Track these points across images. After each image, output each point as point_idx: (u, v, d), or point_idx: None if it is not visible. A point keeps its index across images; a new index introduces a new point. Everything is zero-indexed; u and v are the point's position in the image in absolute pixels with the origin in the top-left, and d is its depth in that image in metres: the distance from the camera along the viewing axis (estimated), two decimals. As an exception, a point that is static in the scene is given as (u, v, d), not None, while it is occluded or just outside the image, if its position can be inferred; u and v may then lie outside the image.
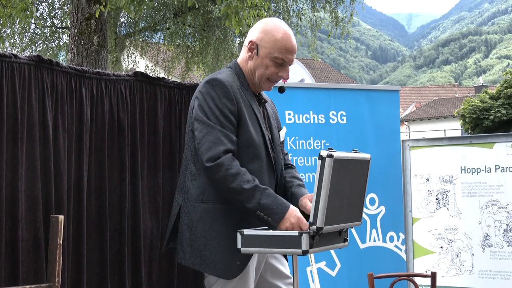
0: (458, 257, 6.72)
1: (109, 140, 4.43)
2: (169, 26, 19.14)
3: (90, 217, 4.27)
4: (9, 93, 3.76)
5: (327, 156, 3.23)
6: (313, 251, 3.33)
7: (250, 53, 3.77)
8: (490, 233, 6.58)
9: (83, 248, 4.19)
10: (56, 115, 4.07)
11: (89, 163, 4.30)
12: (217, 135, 3.50)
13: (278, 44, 3.70)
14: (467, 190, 6.74)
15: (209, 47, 19.29)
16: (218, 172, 3.45)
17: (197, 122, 3.60)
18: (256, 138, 3.68)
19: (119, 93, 4.51)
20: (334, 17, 20.32)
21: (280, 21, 3.85)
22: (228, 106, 3.58)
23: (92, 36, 9.40)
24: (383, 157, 6.14)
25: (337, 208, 3.37)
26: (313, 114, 5.89)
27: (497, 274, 6.53)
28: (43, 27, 19.61)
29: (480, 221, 6.64)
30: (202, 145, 3.51)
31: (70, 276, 4.10)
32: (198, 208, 3.63)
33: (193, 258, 3.63)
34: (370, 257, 5.91)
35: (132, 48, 22.17)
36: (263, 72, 3.75)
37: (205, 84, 3.66)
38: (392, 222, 6.17)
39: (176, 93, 4.88)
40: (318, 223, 3.23)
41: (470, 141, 6.94)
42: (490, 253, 6.59)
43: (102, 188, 4.35)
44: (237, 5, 8.98)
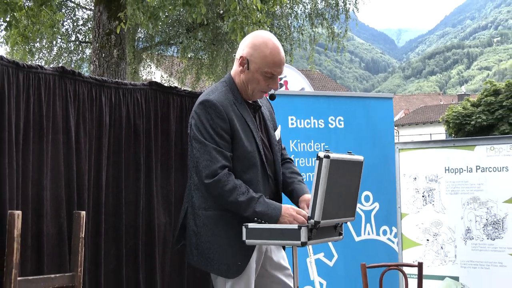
0: (443, 248, 6.70)
1: (126, 143, 4.42)
2: (182, 40, 19.17)
3: (108, 213, 4.27)
4: (36, 101, 3.76)
5: (324, 157, 3.25)
6: (311, 243, 3.34)
7: (242, 67, 3.72)
8: (471, 227, 6.56)
9: (101, 242, 4.19)
10: (78, 120, 4.07)
11: (108, 165, 4.29)
12: (212, 153, 3.52)
13: (268, 59, 3.66)
14: (450, 188, 6.73)
15: (218, 59, 19.31)
16: (216, 188, 3.51)
17: (195, 141, 3.61)
18: (250, 149, 3.66)
19: (135, 101, 4.51)
20: (330, 33, 20.30)
21: (268, 35, 3.78)
22: (221, 125, 3.57)
23: (112, 50, 9.41)
24: (378, 158, 6.15)
25: (333, 204, 3.38)
26: (314, 119, 5.91)
27: (478, 264, 6.51)
28: (68, 42, 19.64)
29: (463, 216, 6.62)
30: (200, 163, 3.55)
31: (88, 267, 4.10)
32: (201, 215, 3.66)
33: (200, 260, 3.67)
34: (365, 249, 5.93)
35: (148, 60, 22.19)
36: (256, 86, 3.72)
37: (199, 105, 3.64)
38: (385, 217, 6.18)
39: (187, 101, 4.88)
40: (316, 217, 3.25)
41: (453, 144, 6.93)
42: (471, 245, 6.57)
43: (119, 187, 4.35)
44: (242, 21, 8.99)
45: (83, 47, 20.03)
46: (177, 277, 4.73)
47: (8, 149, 3.50)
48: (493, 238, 6.46)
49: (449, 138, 26.08)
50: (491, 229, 6.47)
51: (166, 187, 4.68)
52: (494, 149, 6.53)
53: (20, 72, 3.66)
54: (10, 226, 3.27)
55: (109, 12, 9.58)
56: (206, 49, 19.84)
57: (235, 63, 3.81)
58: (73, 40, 19.73)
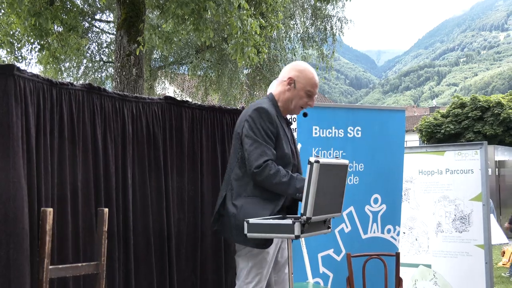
0: (417, 240, 6.72)
1: (147, 149, 4.44)
2: (192, 60, 19.19)
3: (134, 210, 4.28)
4: (68, 113, 3.78)
5: (314, 162, 3.29)
6: (304, 236, 3.37)
7: (289, 86, 4.02)
8: (442, 221, 6.58)
9: (130, 233, 4.20)
10: (105, 130, 4.09)
11: (132, 168, 4.31)
12: (263, 149, 3.77)
13: (311, 81, 4.03)
14: (423, 188, 6.75)
15: (224, 77, 19.31)
16: (263, 173, 3.72)
17: (248, 138, 3.83)
18: (287, 151, 3.91)
19: (153, 113, 4.52)
20: (320, 53, 20.33)
21: (306, 64, 4.18)
22: (271, 129, 3.84)
23: (132, 69, 9.42)
24: (388, 164, 5.96)
25: (322, 202, 3.40)
26: (335, 129, 5.80)
27: (447, 253, 6.53)
28: (94, 62, 19.68)
29: (434, 212, 6.64)
30: (252, 155, 3.77)
31: (120, 256, 4.12)
32: (240, 200, 3.85)
33: (239, 237, 3.78)
34: (370, 245, 5.77)
35: (163, 78, 22.19)
36: (298, 102, 4.04)
37: (254, 111, 3.89)
38: (390, 217, 5.97)
39: (197, 113, 4.89)
40: (308, 214, 3.28)
41: (426, 150, 6.95)
42: (442, 237, 6.59)
43: (141, 188, 4.36)
44: (242, 43, 9.00)
45: (106, 66, 20.06)
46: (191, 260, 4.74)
47: (43, 154, 3.52)
48: (461, 231, 6.47)
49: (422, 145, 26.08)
50: (459, 224, 6.48)
51: (180, 188, 4.70)
52: (461, 154, 6.56)
53: (54, 88, 3.68)
54: (43, 221, 3.30)
55: (129, 36, 9.59)
56: (213, 68, 19.86)
57: (279, 85, 4.10)
58: (98, 60, 19.76)
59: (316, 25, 20.31)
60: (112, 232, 4.06)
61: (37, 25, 9.87)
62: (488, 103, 30.97)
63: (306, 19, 20.33)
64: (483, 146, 6.48)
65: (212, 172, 4.99)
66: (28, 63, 16.15)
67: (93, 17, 18.46)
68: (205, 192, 4.90)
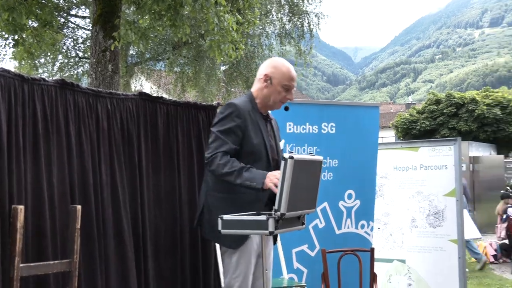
0: (392, 235, 6.75)
1: (122, 145, 4.42)
2: (169, 56, 19.08)
3: (112, 207, 4.25)
4: (40, 109, 3.74)
5: (289, 158, 3.26)
6: (278, 232, 3.35)
7: (266, 83, 4.05)
8: (416, 217, 6.62)
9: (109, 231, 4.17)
10: (79, 126, 4.06)
11: (108, 164, 4.28)
12: (220, 143, 3.79)
13: (286, 75, 4.05)
14: (398, 183, 6.78)
15: (201, 74, 19.23)
16: (213, 164, 3.75)
17: (211, 132, 3.89)
18: (257, 146, 3.92)
19: (127, 109, 4.50)
20: (297, 50, 20.35)
21: (282, 59, 4.20)
22: (236, 124, 3.84)
23: (107, 65, 9.34)
24: (362, 160, 5.95)
25: (297, 198, 3.39)
26: (309, 125, 5.78)
27: (421, 248, 6.57)
28: (69, 58, 19.49)
29: (408, 208, 6.68)
30: (208, 149, 3.83)
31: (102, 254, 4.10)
32: (214, 196, 3.92)
33: (211, 233, 3.93)
34: (344, 241, 5.76)
35: (139, 74, 22.08)
36: (277, 97, 4.06)
37: (224, 106, 3.96)
38: (363, 212, 5.99)
39: (172, 109, 4.87)
40: (282, 210, 3.26)
41: (400, 146, 6.99)
42: (416, 232, 6.63)
43: (117, 184, 4.32)
44: (219, 40, 8.97)
45: (82, 62, 19.87)
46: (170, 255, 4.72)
47: (15, 151, 3.47)
48: (435, 226, 6.52)
49: (396, 141, 26.25)
50: (432, 219, 6.53)
51: (157, 184, 4.68)
52: (435, 150, 6.60)
53: (25, 84, 3.64)
54: (14, 219, 3.26)
55: (104, 32, 9.50)
56: (190, 65, 19.77)
57: (257, 82, 4.14)
58: (74, 56, 19.56)
59: (293, 21, 20.30)
60: (91, 230, 4.03)
61: (11, 20, 9.74)
62: (463, 100, 31.24)
63: (283, 15, 20.32)
64: (456, 142, 6.53)
65: (188, 168, 4.98)
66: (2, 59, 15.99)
67: (68, 12, 18.25)
68: (182, 188, 4.89)
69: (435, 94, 34.56)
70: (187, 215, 4.92)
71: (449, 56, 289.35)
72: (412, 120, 32.92)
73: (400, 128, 33.43)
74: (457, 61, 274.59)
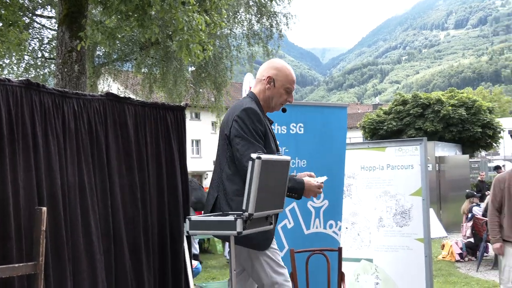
0: (359, 235, 6.80)
1: (90, 146, 4.37)
2: (136, 57, 18.98)
3: (76, 207, 4.19)
4: (5, 110, 3.68)
5: (256, 158, 3.27)
6: (246, 232, 3.35)
7: (269, 85, 4.07)
8: (383, 216, 6.67)
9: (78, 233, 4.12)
10: (45, 126, 4.00)
11: (75, 165, 4.23)
12: (255, 148, 3.73)
13: (289, 78, 4.10)
14: (365, 183, 6.83)
15: (169, 75, 19.16)
16: None
17: (238, 138, 3.83)
18: (274, 149, 3.99)
19: (95, 109, 4.45)
20: (265, 50, 20.40)
21: (282, 61, 4.21)
22: (260, 128, 3.87)
23: (74, 65, 9.25)
24: (331, 160, 5.90)
25: (264, 198, 3.39)
26: (278, 126, 5.76)
27: (389, 248, 6.62)
28: (35, 58, 19.25)
29: (376, 208, 6.73)
30: (245, 156, 3.72)
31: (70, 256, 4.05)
32: (234, 200, 3.82)
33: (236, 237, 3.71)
34: (313, 241, 5.71)
35: (106, 74, 21.91)
36: (278, 100, 4.11)
37: (243, 112, 3.89)
38: (332, 212, 5.96)
39: (140, 110, 4.84)
40: (250, 210, 3.27)
41: (368, 146, 7.03)
42: (383, 231, 6.68)
43: (83, 185, 4.27)
44: (187, 40, 8.93)
45: (48, 63, 19.64)
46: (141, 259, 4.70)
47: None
48: (401, 225, 6.58)
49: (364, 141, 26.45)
50: (399, 218, 6.58)
51: (126, 185, 4.64)
52: (402, 150, 6.66)
53: (-11, 85, 3.58)
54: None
55: (70, 32, 9.41)
56: (158, 65, 19.69)
57: (258, 83, 4.14)
58: (40, 57, 19.34)
59: (261, 22, 20.35)
60: (59, 232, 3.98)
61: (-26, 20, 9.59)
62: (429, 101, 31.59)
63: (251, 16, 20.35)
64: (422, 142, 6.60)
65: (157, 169, 4.96)
66: (-34, 59, 15.74)
67: (34, 12, 18.04)
68: (151, 189, 4.87)
69: (401, 95, 34.91)
70: (156, 216, 4.90)
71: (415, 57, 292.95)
72: (379, 120, 33.20)
73: (368, 129, 33.68)
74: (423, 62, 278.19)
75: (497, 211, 6.27)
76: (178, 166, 5.17)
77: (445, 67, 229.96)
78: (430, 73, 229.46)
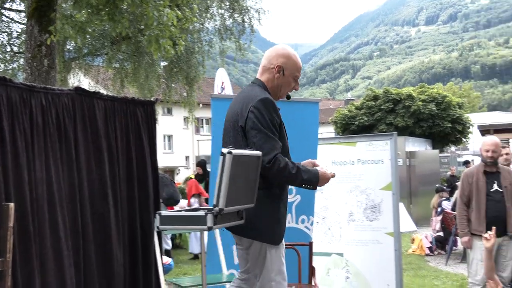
0: (330, 229, 6.83)
1: (58, 141, 4.33)
2: (107, 52, 18.81)
3: (43, 203, 4.15)
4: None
5: (227, 153, 3.25)
6: (217, 227, 3.35)
7: (278, 74, 3.97)
8: (354, 211, 6.71)
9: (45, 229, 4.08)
10: (13, 121, 3.95)
11: (43, 160, 4.18)
12: (272, 143, 3.66)
13: (297, 66, 4.04)
14: (336, 178, 6.82)
15: (140, 69, 19.02)
16: (274, 168, 3.61)
17: (255, 130, 3.67)
18: (285, 143, 3.93)
19: (63, 104, 4.41)
20: (237, 46, 20.36)
21: (289, 48, 4.11)
22: (276, 120, 3.76)
23: (43, 60, 9.12)
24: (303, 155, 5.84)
25: (235, 193, 3.38)
26: None
27: (359, 242, 6.66)
28: (4, 52, 18.97)
29: (346, 202, 6.76)
30: (262, 150, 3.61)
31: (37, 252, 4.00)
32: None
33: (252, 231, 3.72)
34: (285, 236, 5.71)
35: (77, 69, 21.63)
36: (287, 88, 4.05)
37: (259, 102, 3.74)
38: (304, 207, 5.98)
39: (110, 104, 4.81)
40: (220, 205, 3.26)
41: (339, 141, 7.07)
42: (354, 226, 6.72)
43: (51, 180, 4.23)
44: (157, 34, 8.87)
45: (17, 57, 19.36)
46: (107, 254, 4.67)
47: None
48: (371, 220, 6.62)
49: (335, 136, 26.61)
50: (369, 212, 6.63)
51: (95, 180, 4.60)
52: (372, 145, 6.70)
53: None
54: None
55: (40, 26, 9.27)
56: (129, 60, 19.53)
57: (266, 72, 4.03)
58: (9, 51, 19.05)
59: (233, 17, 20.30)
60: (26, 228, 3.94)
61: None
62: (400, 96, 31.83)
63: (223, 11, 20.29)
64: (393, 137, 6.65)
65: (127, 163, 4.94)
66: None
67: (2, 5, 17.77)
68: (121, 183, 4.85)
69: (373, 90, 35.10)
70: (127, 210, 4.88)
71: (387, 53, 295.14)
72: (350, 116, 33.38)
73: (339, 124, 33.84)
74: (395, 58, 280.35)
75: (465, 206, 6.35)
76: (148, 161, 5.15)
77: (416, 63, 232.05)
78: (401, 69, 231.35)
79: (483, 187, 6.24)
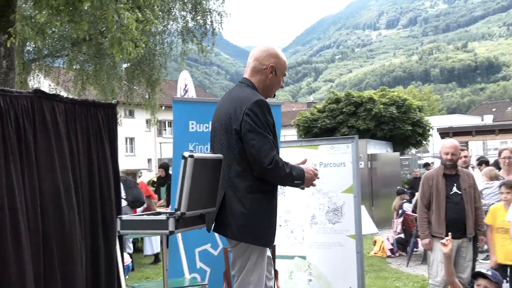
0: (293, 232, 6.84)
1: (18, 144, 4.26)
2: (68, 53, 18.60)
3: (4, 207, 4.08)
4: None
5: (189, 157, 3.24)
6: (178, 231, 3.34)
7: (271, 74, 3.99)
8: (316, 214, 6.74)
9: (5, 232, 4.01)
10: (-31, 124, 3.87)
11: (2, 164, 4.11)
12: (270, 143, 3.68)
13: (285, 64, 4.11)
14: (298, 181, 6.85)
15: (101, 71, 18.85)
16: (275, 168, 3.66)
17: (253, 133, 3.67)
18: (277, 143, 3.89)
19: (22, 107, 4.34)
20: (200, 48, 20.31)
21: (274, 46, 4.13)
22: (271, 121, 3.79)
23: (1, 61, 8.96)
24: None
25: (197, 197, 3.38)
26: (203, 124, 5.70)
27: (321, 244, 6.69)
28: (-39, 53, 18.60)
29: (309, 205, 6.78)
30: (262, 151, 3.64)
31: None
32: (248, 198, 3.71)
33: (247, 236, 3.71)
34: None
35: (37, 71, 21.33)
36: (277, 87, 4.10)
37: (254, 104, 3.73)
38: None
39: (70, 107, 4.76)
40: (182, 209, 3.26)
41: (300, 144, 7.10)
42: (316, 229, 6.75)
43: (12, 184, 4.15)
44: (120, 37, 8.79)
45: (-25, 58, 19.00)
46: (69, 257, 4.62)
47: None
48: (334, 222, 6.66)
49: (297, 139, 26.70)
50: (332, 215, 6.66)
51: (57, 183, 4.53)
52: (334, 148, 6.74)
53: None
54: None
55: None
56: (90, 62, 19.34)
57: (257, 73, 4.01)
58: (-34, 52, 18.69)
59: (196, 19, 20.24)
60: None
61: None
62: (361, 99, 32.10)
63: (186, 13, 20.22)
64: (354, 140, 6.70)
65: (89, 166, 4.89)
66: None
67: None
68: (83, 186, 4.80)
69: (335, 93, 35.33)
70: (88, 213, 4.82)
71: (349, 57, 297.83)
72: (313, 118, 33.53)
73: (302, 127, 33.97)
74: (356, 61, 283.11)
75: (425, 208, 6.44)
76: (110, 164, 5.11)
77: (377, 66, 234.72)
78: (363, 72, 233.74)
79: (442, 190, 6.33)
